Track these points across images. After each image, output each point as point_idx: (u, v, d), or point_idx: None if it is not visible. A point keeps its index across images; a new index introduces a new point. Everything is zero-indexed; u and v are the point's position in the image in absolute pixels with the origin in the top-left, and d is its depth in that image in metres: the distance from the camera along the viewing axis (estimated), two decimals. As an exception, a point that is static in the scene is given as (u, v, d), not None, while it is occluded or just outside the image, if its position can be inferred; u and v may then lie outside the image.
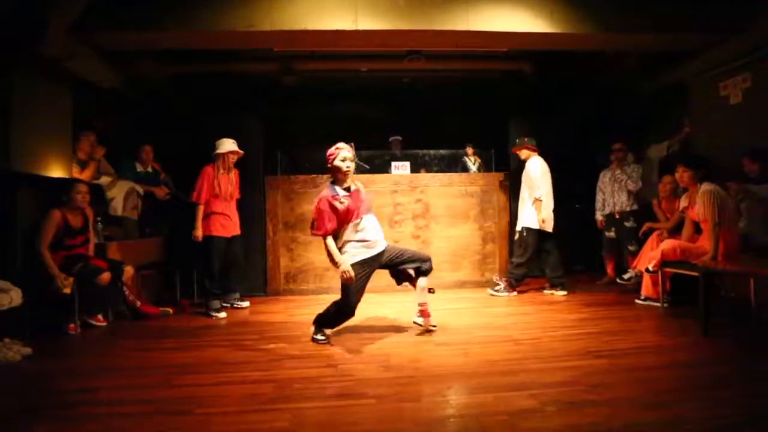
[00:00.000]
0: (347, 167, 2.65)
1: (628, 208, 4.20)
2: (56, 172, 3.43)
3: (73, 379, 2.19)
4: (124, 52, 3.85)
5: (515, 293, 4.00)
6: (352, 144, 4.92)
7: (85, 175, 3.73)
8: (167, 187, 4.31)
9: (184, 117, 5.32)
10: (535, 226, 3.92)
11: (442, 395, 1.92)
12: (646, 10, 3.50)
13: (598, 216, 4.46)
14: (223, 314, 3.49)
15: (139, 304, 3.45)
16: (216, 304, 3.52)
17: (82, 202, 3.16)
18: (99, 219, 3.59)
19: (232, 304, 3.78)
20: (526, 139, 4.09)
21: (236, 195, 3.72)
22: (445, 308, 3.57)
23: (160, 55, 4.30)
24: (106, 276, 3.06)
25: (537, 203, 3.90)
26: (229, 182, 3.60)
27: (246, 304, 3.87)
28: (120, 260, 3.33)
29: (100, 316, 3.22)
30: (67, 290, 2.93)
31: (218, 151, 3.56)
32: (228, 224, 3.61)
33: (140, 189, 4.01)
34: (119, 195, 3.84)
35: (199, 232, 3.47)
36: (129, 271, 3.33)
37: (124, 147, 4.26)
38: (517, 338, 2.71)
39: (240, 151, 3.64)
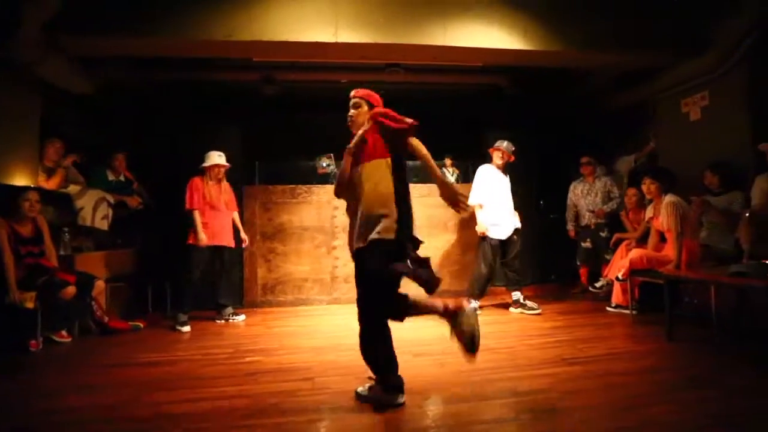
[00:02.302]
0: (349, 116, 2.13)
1: (602, 220, 4.37)
2: (21, 180, 3.29)
3: (32, 400, 2.08)
4: (97, 57, 3.76)
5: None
6: (332, 155, 4.95)
7: (52, 184, 3.59)
8: (140, 196, 4.19)
9: (160, 125, 5.21)
10: None
11: (418, 406, 1.92)
12: (614, 30, 3.69)
13: (570, 227, 4.61)
14: (186, 328, 3.40)
15: (107, 319, 3.31)
16: (184, 317, 3.44)
17: (30, 210, 3.00)
18: (66, 230, 3.45)
19: (227, 319, 3.68)
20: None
21: (232, 207, 3.81)
22: (423, 318, 3.58)
23: (135, 62, 4.21)
24: (70, 290, 2.93)
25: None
26: (220, 192, 3.68)
27: (242, 317, 3.75)
28: (91, 274, 3.20)
29: (64, 332, 3.06)
30: (30, 304, 2.79)
31: (204, 164, 3.64)
32: (217, 234, 3.62)
33: (111, 198, 3.88)
34: (88, 204, 3.72)
35: (202, 235, 3.50)
36: (100, 285, 3.21)
37: (95, 155, 4.13)
38: (494, 347, 2.75)
39: (226, 164, 3.73)
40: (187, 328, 3.39)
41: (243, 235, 3.86)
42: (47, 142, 3.63)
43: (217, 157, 3.66)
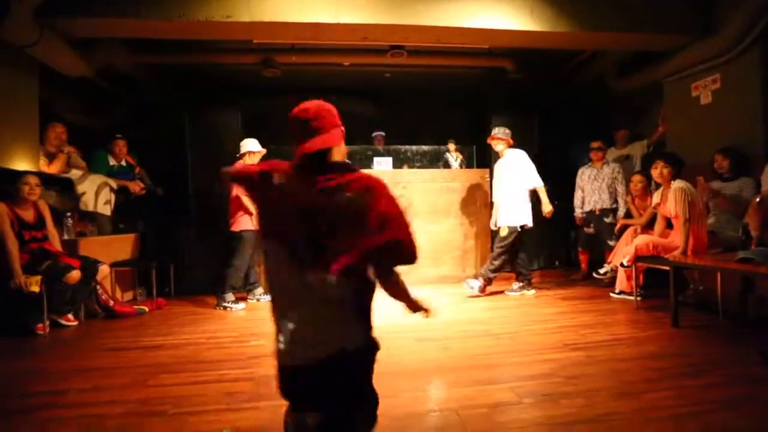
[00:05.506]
0: None
1: (608, 206, 4.32)
2: (22, 164, 3.27)
3: (40, 381, 2.11)
4: (95, 39, 3.69)
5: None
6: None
7: (54, 168, 3.58)
8: (142, 181, 4.18)
9: (160, 109, 5.17)
10: (528, 223, 3.87)
11: (422, 390, 1.93)
12: (624, 10, 3.58)
13: (578, 213, 4.54)
14: (242, 305, 3.58)
15: (112, 303, 3.34)
16: (232, 296, 3.59)
17: (30, 194, 2.98)
18: (69, 214, 3.46)
19: (258, 299, 3.81)
20: (508, 131, 3.94)
21: None
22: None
23: (133, 44, 4.14)
24: (75, 274, 2.94)
25: (542, 191, 3.89)
26: None
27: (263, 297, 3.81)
28: (95, 258, 3.21)
29: (70, 316, 3.10)
30: (35, 288, 2.81)
31: (245, 149, 3.68)
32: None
33: (113, 183, 3.88)
34: (90, 189, 3.71)
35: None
36: (104, 270, 3.23)
37: (96, 140, 4.11)
38: (496, 332, 2.75)
39: (263, 149, 3.78)
40: (242, 305, 3.57)
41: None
42: (48, 126, 3.61)
43: (256, 144, 3.72)
